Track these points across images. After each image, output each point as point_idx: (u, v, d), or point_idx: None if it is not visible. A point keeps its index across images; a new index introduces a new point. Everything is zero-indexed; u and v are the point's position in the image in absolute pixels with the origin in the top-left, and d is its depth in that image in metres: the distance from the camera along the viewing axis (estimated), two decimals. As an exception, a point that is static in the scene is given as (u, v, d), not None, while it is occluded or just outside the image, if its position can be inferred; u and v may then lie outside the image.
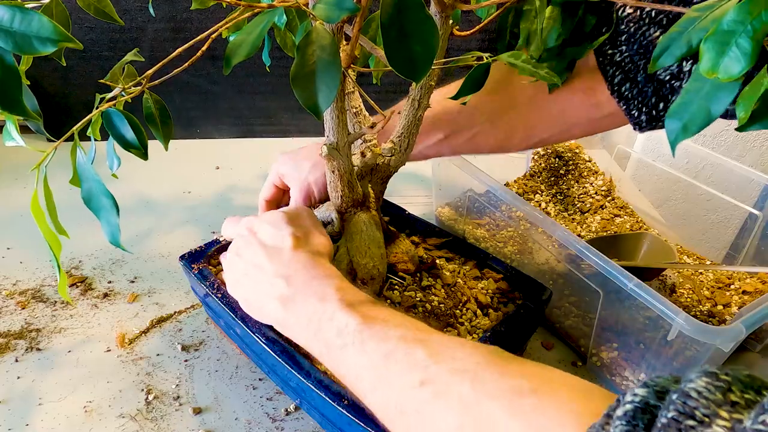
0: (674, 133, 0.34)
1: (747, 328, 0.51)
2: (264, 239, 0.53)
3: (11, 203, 0.89)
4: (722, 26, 0.29)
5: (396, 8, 0.33)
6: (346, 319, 0.44)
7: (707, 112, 0.33)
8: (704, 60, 0.30)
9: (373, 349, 0.41)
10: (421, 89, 0.53)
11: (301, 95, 0.34)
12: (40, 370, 0.62)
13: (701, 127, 0.33)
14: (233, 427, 0.57)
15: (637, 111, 0.57)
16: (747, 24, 0.28)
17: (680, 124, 0.34)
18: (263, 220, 0.55)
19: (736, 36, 0.29)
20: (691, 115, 0.33)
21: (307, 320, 0.46)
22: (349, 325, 0.43)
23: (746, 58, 0.29)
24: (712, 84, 0.32)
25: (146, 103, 0.44)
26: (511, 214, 0.72)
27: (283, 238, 0.52)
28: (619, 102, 0.57)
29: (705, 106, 0.32)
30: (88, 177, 0.42)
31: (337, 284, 0.48)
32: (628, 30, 0.53)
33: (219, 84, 1.09)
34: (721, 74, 0.29)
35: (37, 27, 0.31)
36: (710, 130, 1.11)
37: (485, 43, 1.13)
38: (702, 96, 0.32)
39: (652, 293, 0.54)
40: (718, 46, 0.29)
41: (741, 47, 0.29)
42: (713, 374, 0.24)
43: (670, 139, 0.35)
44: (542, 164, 0.98)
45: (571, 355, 0.69)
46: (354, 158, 0.58)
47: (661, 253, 0.76)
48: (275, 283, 0.49)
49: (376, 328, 0.42)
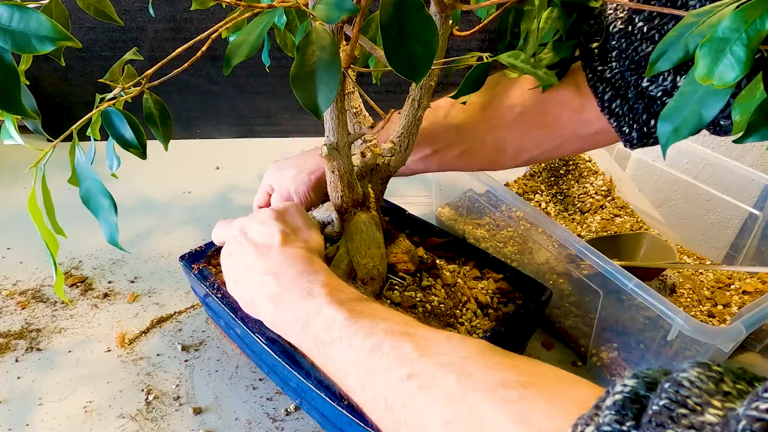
0: (665, 136, 0.34)
1: (747, 329, 0.51)
2: (254, 238, 0.53)
3: (11, 203, 0.89)
4: (717, 33, 0.29)
5: (396, 8, 0.33)
6: (333, 314, 0.44)
7: (699, 116, 0.33)
8: (699, 66, 0.30)
9: (359, 343, 0.41)
10: (421, 89, 0.53)
11: (301, 95, 0.34)
12: (40, 370, 0.62)
13: (692, 131, 0.34)
14: (233, 427, 0.57)
15: (628, 128, 0.57)
16: (742, 32, 0.29)
17: (672, 127, 0.34)
18: (253, 219, 0.55)
19: (731, 43, 0.29)
20: (684, 119, 0.33)
21: (296, 316, 0.46)
22: (336, 320, 0.43)
23: (740, 65, 0.29)
24: (705, 89, 0.32)
25: (146, 103, 0.44)
26: (511, 214, 0.72)
27: (271, 235, 0.52)
28: (609, 119, 0.57)
29: (697, 110, 0.33)
30: (86, 176, 0.42)
31: (325, 280, 0.48)
32: (619, 46, 0.52)
33: (219, 84, 1.09)
34: (715, 81, 0.30)
35: (36, 26, 0.31)
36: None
37: (485, 43, 1.13)
38: (695, 100, 0.32)
39: (652, 293, 0.54)
40: (713, 53, 0.29)
41: (735, 55, 0.29)
42: (705, 365, 0.24)
43: (662, 141, 0.35)
44: (542, 164, 0.98)
45: (571, 355, 0.69)
46: (354, 158, 0.58)
47: (661, 253, 0.76)
48: (265, 281, 0.50)
49: (362, 322, 0.42)
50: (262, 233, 0.53)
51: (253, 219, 0.55)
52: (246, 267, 0.52)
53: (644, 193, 0.98)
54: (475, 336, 0.57)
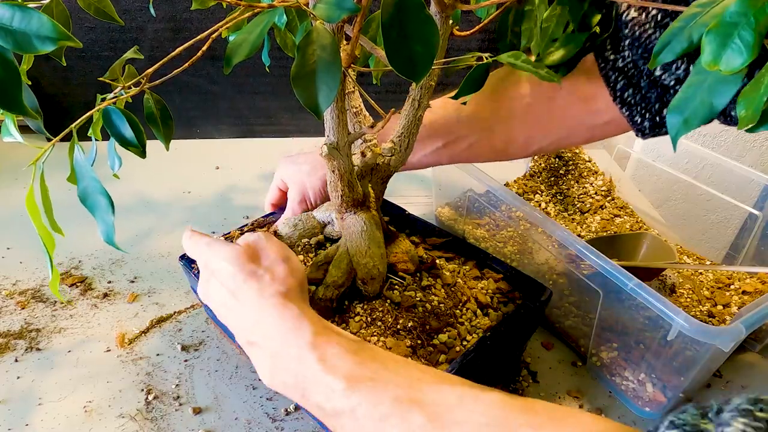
0: (675, 127, 0.34)
1: (747, 329, 0.51)
2: (224, 281, 0.48)
3: (11, 203, 0.90)
4: (725, 18, 0.29)
5: (397, 8, 0.33)
6: (330, 382, 0.41)
7: (710, 106, 0.32)
8: (706, 52, 0.30)
9: (365, 414, 0.39)
10: (422, 89, 0.53)
11: (302, 95, 0.34)
12: (40, 370, 0.62)
13: (703, 121, 0.33)
14: (233, 427, 0.57)
15: (640, 117, 0.56)
16: (750, 16, 0.28)
17: (681, 119, 0.33)
18: (218, 255, 0.49)
19: (739, 28, 0.28)
20: (693, 109, 0.33)
21: (293, 382, 0.44)
22: (335, 390, 0.40)
23: (748, 50, 0.28)
24: (714, 77, 0.31)
25: (147, 103, 0.44)
26: (511, 214, 0.72)
27: (244, 282, 0.47)
28: (621, 108, 0.56)
29: (707, 100, 0.32)
30: (85, 175, 0.42)
31: (311, 340, 0.43)
32: (632, 34, 0.52)
33: (219, 84, 1.09)
34: (722, 66, 0.29)
35: (37, 25, 0.31)
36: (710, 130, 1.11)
37: (485, 43, 1.13)
38: (704, 90, 0.32)
39: (652, 293, 0.54)
40: (720, 38, 0.29)
41: (743, 39, 0.28)
42: (749, 413, 0.23)
43: (672, 133, 0.34)
44: (542, 164, 0.98)
45: (571, 355, 0.69)
46: (354, 158, 0.58)
47: (660, 253, 0.76)
48: (254, 332, 0.46)
49: (363, 390, 0.39)
50: (230, 275, 0.47)
51: (220, 256, 0.49)
52: (224, 307, 0.48)
53: (644, 193, 0.98)
54: (475, 335, 0.57)
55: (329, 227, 0.65)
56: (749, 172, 0.78)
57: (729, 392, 0.65)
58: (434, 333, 0.56)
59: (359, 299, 0.57)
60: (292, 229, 0.65)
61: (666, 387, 0.59)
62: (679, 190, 0.92)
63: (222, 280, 0.48)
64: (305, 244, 0.64)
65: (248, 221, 0.70)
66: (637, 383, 0.61)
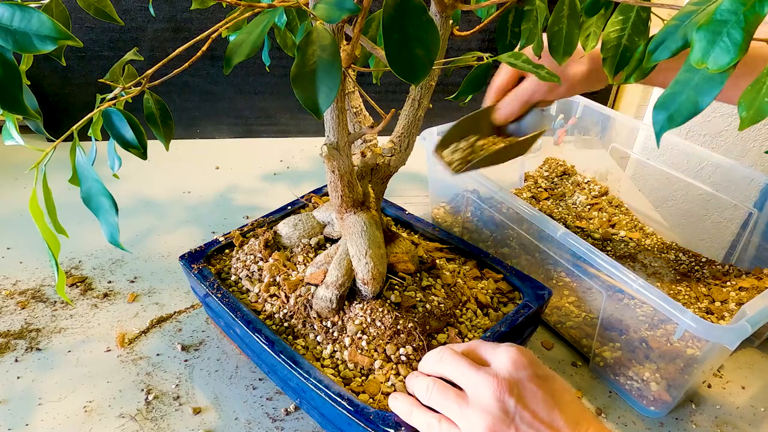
0: (660, 123, 0.34)
1: (752, 326, 0.51)
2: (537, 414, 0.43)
3: (11, 203, 0.89)
4: (716, 16, 0.29)
5: (398, 11, 0.33)
6: None
7: (695, 103, 0.32)
8: (695, 50, 0.30)
9: None
10: (421, 89, 0.53)
11: (302, 95, 0.34)
12: (40, 370, 0.62)
13: (687, 118, 0.33)
14: (233, 427, 0.57)
15: None
16: (740, 14, 0.28)
17: (666, 115, 0.33)
18: (527, 393, 0.44)
19: (728, 26, 0.28)
20: (679, 106, 0.33)
21: None
22: None
23: (736, 48, 0.28)
24: (701, 76, 0.31)
25: (147, 103, 0.44)
26: (511, 214, 0.72)
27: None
28: None
29: (693, 97, 0.32)
30: (87, 177, 0.42)
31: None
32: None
33: (219, 84, 1.09)
34: (710, 65, 0.29)
35: (37, 25, 0.31)
36: (710, 130, 1.11)
37: (485, 43, 1.13)
38: (691, 87, 0.32)
39: (657, 293, 0.53)
40: (709, 35, 0.29)
41: (732, 37, 0.28)
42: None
43: (656, 129, 0.34)
44: (540, 167, 1.00)
45: (571, 356, 0.69)
46: (354, 158, 0.58)
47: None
48: None
49: None
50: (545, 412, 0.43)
51: (528, 394, 0.43)
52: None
53: (644, 193, 0.98)
54: (475, 335, 0.57)
55: (329, 227, 0.65)
56: (749, 172, 0.78)
57: (729, 393, 0.65)
58: (434, 333, 0.56)
59: (359, 299, 0.57)
60: (292, 229, 0.65)
61: (670, 386, 0.59)
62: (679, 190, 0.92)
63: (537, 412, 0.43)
64: (305, 244, 0.64)
65: (248, 221, 0.70)
66: (641, 383, 0.61)
